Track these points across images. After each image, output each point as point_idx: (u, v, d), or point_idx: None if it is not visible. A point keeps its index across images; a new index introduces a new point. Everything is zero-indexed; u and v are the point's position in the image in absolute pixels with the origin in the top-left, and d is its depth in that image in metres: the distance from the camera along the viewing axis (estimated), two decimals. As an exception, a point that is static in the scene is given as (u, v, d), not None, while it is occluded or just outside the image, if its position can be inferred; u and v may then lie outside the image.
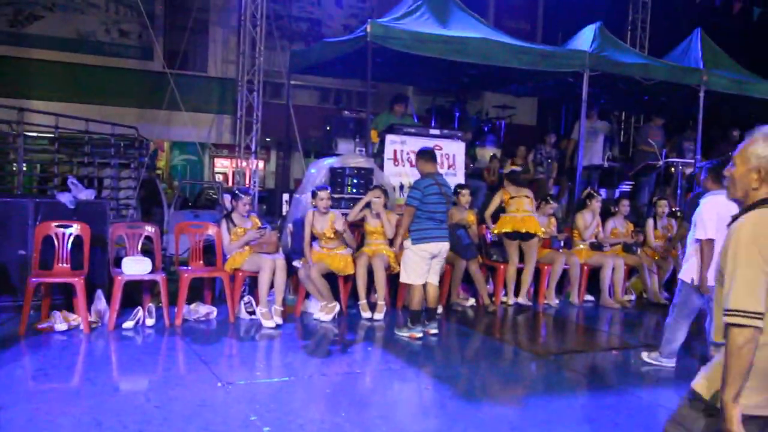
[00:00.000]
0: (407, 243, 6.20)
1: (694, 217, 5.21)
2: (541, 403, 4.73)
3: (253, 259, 6.50)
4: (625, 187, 10.85)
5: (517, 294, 7.98)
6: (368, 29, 7.84)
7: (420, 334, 6.19)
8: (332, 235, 6.74)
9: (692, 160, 10.49)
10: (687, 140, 11.26)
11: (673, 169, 10.30)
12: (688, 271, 5.21)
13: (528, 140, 11.52)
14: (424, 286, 6.26)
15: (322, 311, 6.75)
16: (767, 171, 2.32)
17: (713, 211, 4.85)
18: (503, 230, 7.79)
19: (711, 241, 4.90)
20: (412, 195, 6.17)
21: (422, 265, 6.20)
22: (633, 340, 6.84)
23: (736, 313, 2.18)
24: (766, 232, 2.25)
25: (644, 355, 5.76)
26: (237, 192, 6.93)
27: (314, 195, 6.80)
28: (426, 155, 6.37)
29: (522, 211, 7.81)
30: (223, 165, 16.26)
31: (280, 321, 6.39)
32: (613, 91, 11.03)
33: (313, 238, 6.88)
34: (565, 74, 9.53)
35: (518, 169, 8.34)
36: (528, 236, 7.74)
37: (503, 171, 9.51)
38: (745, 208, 2.38)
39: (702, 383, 2.44)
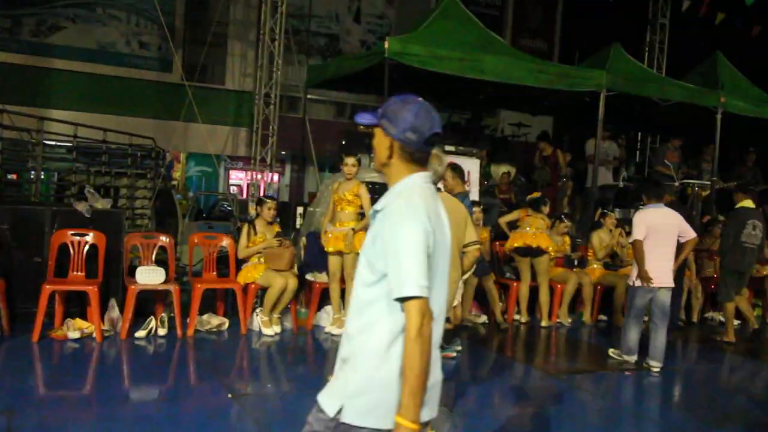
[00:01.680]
0: None
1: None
2: (553, 423, 4.69)
3: (266, 275, 6.50)
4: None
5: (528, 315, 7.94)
6: (386, 45, 7.87)
7: (454, 354, 6.05)
8: (352, 198, 6.60)
9: (708, 182, 10.43)
10: (706, 161, 11.21)
11: (690, 190, 10.24)
12: (631, 277, 6.25)
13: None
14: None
15: (333, 324, 6.73)
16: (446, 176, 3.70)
17: (643, 219, 6.10)
18: (514, 245, 7.74)
19: (638, 242, 6.04)
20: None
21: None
22: (645, 360, 6.77)
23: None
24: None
25: (610, 351, 6.60)
26: (262, 197, 6.95)
27: (341, 161, 6.71)
28: (462, 173, 5.93)
29: (534, 228, 7.75)
30: (238, 177, 16.36)
31: (278, 329, 6.50)
32: (629, 112, 11.00)
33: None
34: (582, 93, 9.51)
35: (539, 197, 8.27)
36: (538, 252, 7.66)
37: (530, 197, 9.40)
38: None
39: None
